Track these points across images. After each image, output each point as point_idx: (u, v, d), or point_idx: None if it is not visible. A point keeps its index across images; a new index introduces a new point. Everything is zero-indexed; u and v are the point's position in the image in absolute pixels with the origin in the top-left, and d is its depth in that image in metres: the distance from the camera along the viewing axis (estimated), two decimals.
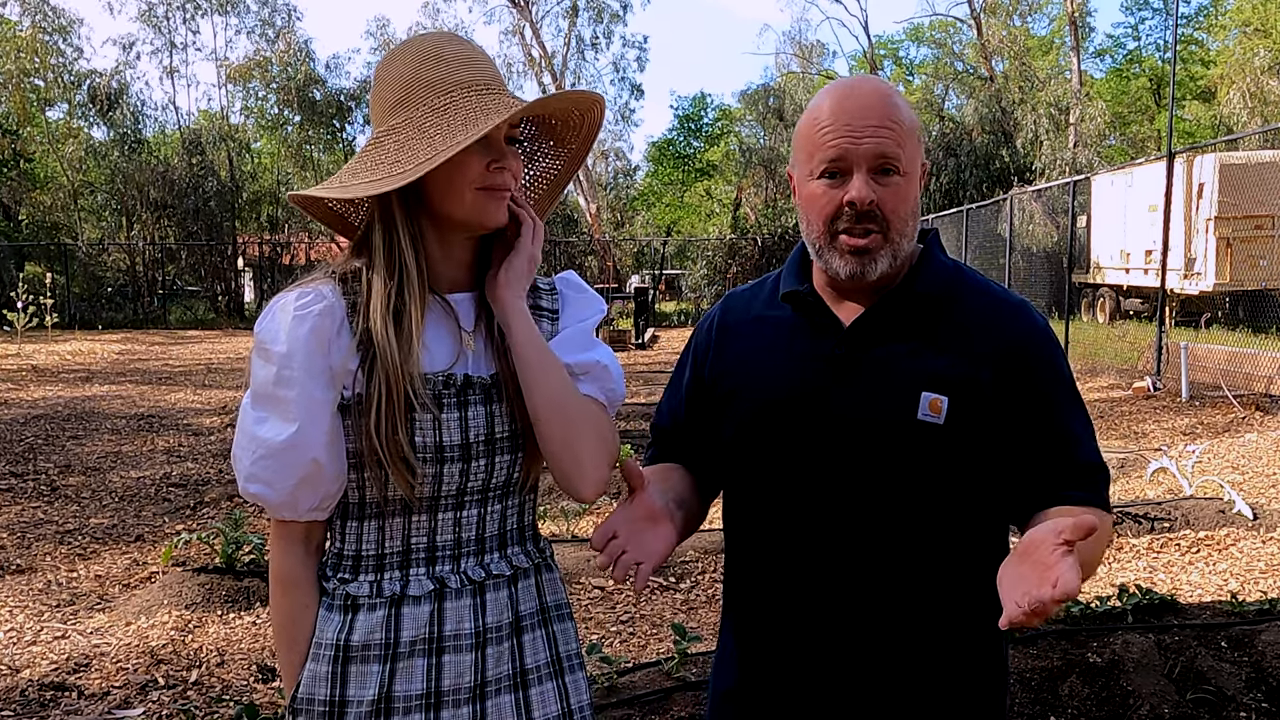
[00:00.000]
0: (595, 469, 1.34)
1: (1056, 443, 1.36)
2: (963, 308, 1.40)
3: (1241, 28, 31.48)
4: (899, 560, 1.37)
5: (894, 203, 1.34)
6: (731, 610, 1.54)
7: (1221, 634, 3.42)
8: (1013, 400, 1.35)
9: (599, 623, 4.28)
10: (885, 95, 1.36)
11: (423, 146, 1.26)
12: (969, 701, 1.42)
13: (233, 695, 3.51)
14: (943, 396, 1.34)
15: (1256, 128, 23.08)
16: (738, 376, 1.48)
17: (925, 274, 1.41)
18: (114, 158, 30.02)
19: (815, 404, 1.39)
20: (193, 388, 12.93)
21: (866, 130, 1.32)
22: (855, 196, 1.32)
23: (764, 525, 1.44)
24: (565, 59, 34.45)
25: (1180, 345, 10.79)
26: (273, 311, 1.30)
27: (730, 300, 1.60)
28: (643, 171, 53.27)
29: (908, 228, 1.37)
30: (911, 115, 1.38)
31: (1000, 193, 21.98)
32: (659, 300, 29.81)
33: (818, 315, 1.43)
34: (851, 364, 1.39)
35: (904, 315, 1.39)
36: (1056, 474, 1.35)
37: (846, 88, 1.38)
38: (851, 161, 1.33)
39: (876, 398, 1.36)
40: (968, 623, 1.39)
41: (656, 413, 1.64)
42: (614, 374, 1.42)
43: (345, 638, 1.30)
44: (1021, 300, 1.45)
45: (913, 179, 1.37)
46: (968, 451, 1.35)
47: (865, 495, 1.36)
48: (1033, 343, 1.39)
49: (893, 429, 1.35)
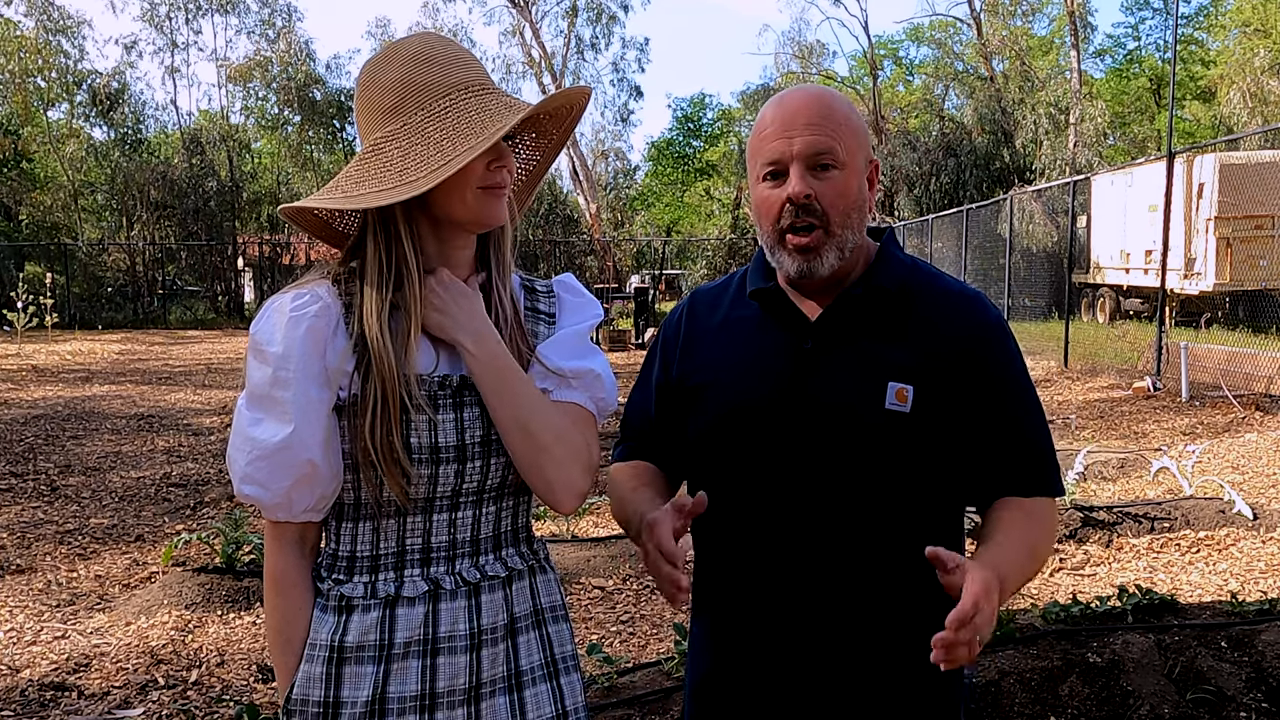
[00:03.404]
0: (565, 485, 1.33)
1: (1008, 429, 1.43)
2: (921, 301, 1.46)
3: (1241, 28, 31.46)
4: (866, 546, 1.41)
5: (832, 196, 1.39)
6: (702, 601, 1.56)
7: (1221, 634, 3.41)
8: (969, 388, 1.41)
9: (599, 623, 4.28)
10: (817, 96, 1.43)
11: (431, 153, 1.25)
12: (932, 681, 1.45)
13: (233, 695, 3.51)
14: (908, 386, 1.39)
15: (1256, 128, 23.09)
16: (707, 372, 1.51)
17: (883, 269, 1.47)
18: (114, 158, 30.07)
19: (786, 397, 1.42)
20: (193, 388, 12.93)
21: (798, 129, 1.39)
22: (791, 192, 1.39)
23: (733, 518, 1.46)
24: (565, 59, 34.48)
25: (1180, 345, 10.79)
26: (269, 313, 1.30)
27: (697, 297, 1.63)
28: (642, 171, 53.34)
29: (850, 220, 1.42)
30: (849, 112, 1.43)
31: (1000, 193, 22.00)
32: (659, 300, 29.77)
33: (784, 311, 1.48)
34: (820, 357, 1.43)
35: (867, 309, 1.44)
36: (1008, 460, 1.43)
37: (784, 96, 1.45)
38: (788, 160, 1.39)
39: (847, 389, 1.41)
40: (928, 602, 1.41)
41: (625, 407, 1.66)
42: (606, 382, 1.41)
43: (340, 638, 1.30)
44: (976, 292, 1.51)
45: (852, 172, 1.41)
46: (933, 439, 1.40)
47: (836, 484, 1.40)
48: (988, 333, 1.45)
49: (862, 419, 1.39)
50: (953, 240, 19.44)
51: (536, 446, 1.31)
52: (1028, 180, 25.38)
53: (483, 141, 1.24)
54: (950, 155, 28.25)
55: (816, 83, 32.04)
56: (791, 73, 33.99)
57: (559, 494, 1.33)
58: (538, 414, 1.32)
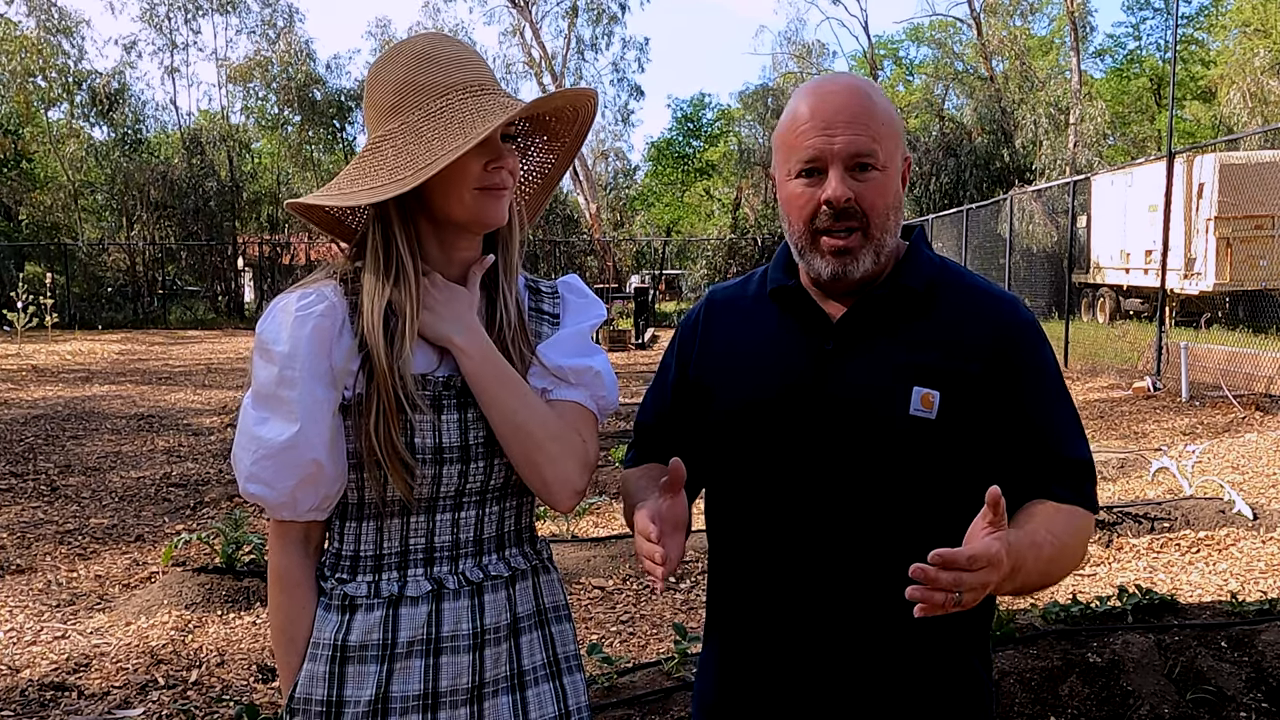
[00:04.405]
0: (562, 483, 1.33)
1: (1042, 438, 1.35)
2: (950, 302, 1.39)
3: (1241, 28, 31.46)
4: (890, 558, 1.33)
5: (872, 198, 1.33)
6: (716, 616, 1.51)
7: (1221, 634, 3.41)
8: (1001, 394, 1.34)
9: (599, 623, 4.28)
10: (859, 91, 1.35)
11: (421, 152, 1.25)
12: (956, 699, 1.40)
13: (233, 695, 3.51)
14: (934, 391, 1.32)
15: (1256, 128, 23.08)
16: (725, 373, 1.46)
17: (911, 269, 1.40)
18: (114, 158, 30.05)
19: (805, 400, 1.37)
20: (193, 388, 12.93)
21: (840, 127, 1.32)
22: (831, 195, 1.32)
23: (751, 524, 1.41)
24: (565, 59, 34.47)
25: (1180, 345, 10.79)
26: (274, 312, 1.30)
27: (715, 296, 1.57)
28: (642, 171, 53.33)
29: (889, 223, 1.36)
30: (889, 110, 1.36)
31: (1000, 193, 22.00)
32: (659, 300, 29.81)
33: (805, 311, 1.42)
34: (841, 359, 1.37)
35: (892, 310, 1.38)
36: (1042, 469, 1.34)
37: (821, 86, 1.37)
38: (827, 160, 1.32)
39: (868, 393, 1.34)
40: (953, 623, 1.36)
41: (640, 411, 1.61)
42: (606, 381, 1.41)
43: (343, 638, 1.30)
44: (1010, 295, 1.43)
45: (891, 173, 1.35)
46: (959, 446, 1.33)
47: (857, 492, 1.34)
48: (1021, 336, 1.37)
49: (885, 424, 1.33)
50: (953, 240, 19.43)
51: (531, 444, 1.31)
52: (1028, 180, 25.39)
53: (468, 141, 1.24)
54: (950, 155, 28.26)
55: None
56: (790, 73, 33.96)
57: (556, 492, 1.33)
58: (531, 412, 1.31)
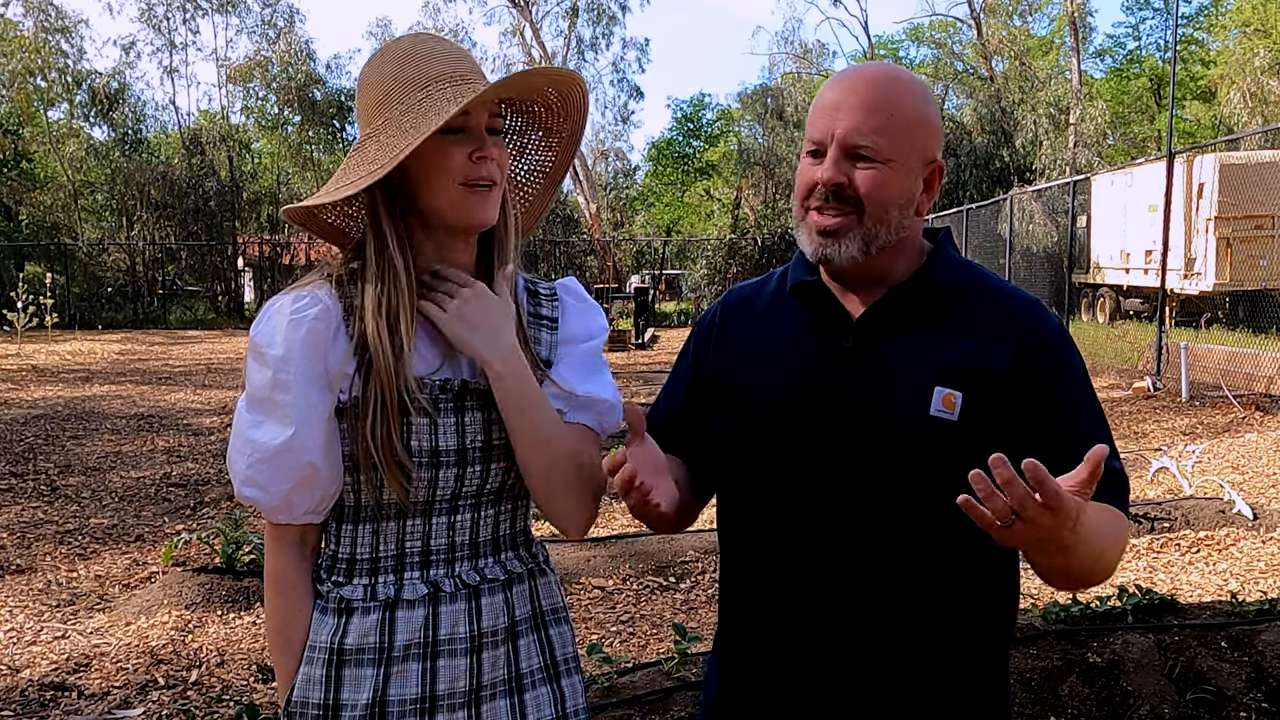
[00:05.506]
0: (580, 510, 1.35)
1: (1073, 447, 1.23)
2: (975, 303, 1.35)
3: (1241, 28, 31.45)
4: (909, 561, 1.32)
5: (869, 187, 1.30)
6: (728, 622, 1.48)
7: (1221, 634, 3.41)
8: (1027, 398, 1.29)
9: (599, 623, 4.28)
10: (881, 82, 1.32)
11: (399, 142, 1.24)
12: (973, 706, 1.38)
13: (233, 695, 3.51)
14: (956, 392, 1.29)
15: (1256, 128, 23.08)
16: (742, 371, 1.43)
17: (936, 268, 1.37)
18: (114, 158, 30.04)
19: (823, 399, 1.33)
20: (193, 388, 12.92)
21: (845, 113, 1.30)
22: (819, 176, 1.32)
23: (766, 525, 1.38)
24: (565, 60, 34.44)
25: (1180, 345, 10.79)
26: (268, 315, 1.29)
27: (733, 295, 1.54)
28: (642, 172, 53.32)
29: (886, 216, 1.32)
30: (914, 107, 1.33)
31: (1000, 193, 22.00)
32: (659, 300, 29.79)
33: (826, 307, 1.38)
34: (861, 357, 1.34)
35: (914, 308, 1.35)
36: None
37: (849, 72, 1.37)
38: (827, 141, 1.31)
39: (888, 392, 1.31)
40: (973, 629, 1.35)
41: (652, 411, 1.56)
42: (615, 408, 1.41)
43: (339, 641, 1.30)
44: (1035, 298, 1.40)
45: (899, 168, 1.31)
46: (982, 449, 1.27)
47: (874, 494, 1.31)
48: (1048, 341, 1.34)
49: (905, 425, 1.29)
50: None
51: (555, 470, 1.31)
52: (1028, 180, 25.38)
53: (437, 119, 1.22)
54: (950, 155, 28.22)
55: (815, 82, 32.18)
56: (789, 73, 33.97)
57: (573, 519, 1.36)
58: (555, 436, 1.32)
